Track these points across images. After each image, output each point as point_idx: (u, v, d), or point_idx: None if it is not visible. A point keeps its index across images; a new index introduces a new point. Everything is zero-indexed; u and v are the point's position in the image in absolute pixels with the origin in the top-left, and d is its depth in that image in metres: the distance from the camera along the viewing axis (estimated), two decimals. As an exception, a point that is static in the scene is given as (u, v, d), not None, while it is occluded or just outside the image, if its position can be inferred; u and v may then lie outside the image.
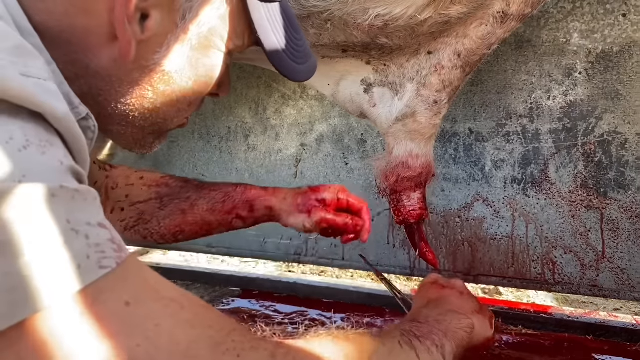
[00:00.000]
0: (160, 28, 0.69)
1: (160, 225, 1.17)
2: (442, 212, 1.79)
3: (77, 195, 0.52)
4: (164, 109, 0.77)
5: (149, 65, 0.71)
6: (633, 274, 1.58)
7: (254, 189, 1.21)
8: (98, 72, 0.69)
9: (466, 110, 1.71)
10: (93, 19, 0.65)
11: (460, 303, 1.05)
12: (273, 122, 2.03)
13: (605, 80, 1.55)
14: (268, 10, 0.77)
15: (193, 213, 1.17)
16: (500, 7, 1.10)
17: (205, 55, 0.75)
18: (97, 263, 0.51)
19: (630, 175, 1.55)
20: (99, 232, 0.53)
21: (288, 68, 0.81)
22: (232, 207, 1.17)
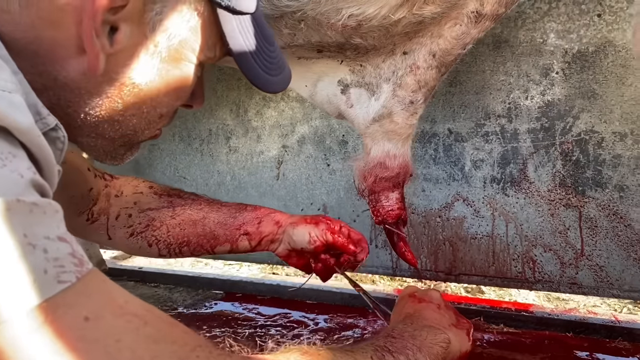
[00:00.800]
0: (130, 41, 0.69)
1: (169, 234, 1.18)
2: (423, 212, 1.80)
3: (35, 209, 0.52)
4: (133, 121, 0.76)
5: (119, 77, 0.70)
6: (611, 271, 1.59)
7: (264, 207, 1.24)
8: (67, 84, 0.68)
9: (445, 110, 1.72)
10: (60, 32, 0.65)
11: (436, 317, 1.06)
12: (254, 123, 2.03)
13: (582, 79, 1.56)
14: (240, 22, 0.77)
15: (203, 225, 1.18)
16: (474, 7, 1.11)
17: (175, 67, 0.75)
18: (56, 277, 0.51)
19: (607, 173, 1.57)
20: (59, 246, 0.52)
21: (260, 79, 0.81)
22: (241, 222, 1.19)
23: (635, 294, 1.59)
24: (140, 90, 0.73)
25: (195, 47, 0.75)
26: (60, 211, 0.56)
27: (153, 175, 2.21)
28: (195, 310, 1.83)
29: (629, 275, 1.57)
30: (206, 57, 0.78)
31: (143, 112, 0.76)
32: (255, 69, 0.79)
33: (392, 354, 0.85)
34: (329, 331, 1.63)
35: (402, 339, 0.91)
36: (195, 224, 1.19)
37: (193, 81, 0.80)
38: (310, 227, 1.17)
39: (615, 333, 1.53)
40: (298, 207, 1.99)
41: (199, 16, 0.74)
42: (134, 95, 0.73)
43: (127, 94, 0.72)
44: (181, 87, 0.78)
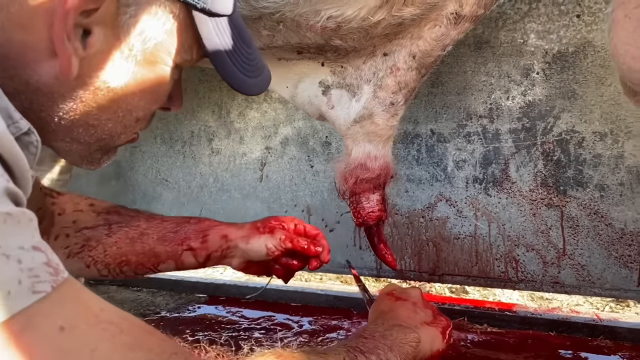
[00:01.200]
0: (104, 44, 0.68)
1: (106, 253, 1.09)
2: (406, 212, 1.80)
3: (9, 219, 0.51)
4: (109, 125, 0.75)
5: (93, 81, 0.69)
6: (593, 269, 1.60)
7: (209, 220, 1.14)
8: (39, 88, 0.67)
9: (427, 111, 1.72)
10: (31, 34, 0.64)
11: (409, 315, 1.06)
12: (237, 125, 2.01)
13: (562, 80, 1.57)
14: (216, 24, 0.76)
15: (142, 242, 1.10)
16: (453, 9, 1.11)
17: (151, 71, 0.74)
18: (30, 288, 0.50)
19: (588, 173, 1.58)
20: (33, 255, 0.52)
21: (238, 81, 0.80)
22: (183, 237, 1.10)
23: (617, 292, 1.60)
24: (115, 94, 0.72)
25: (171, 50, 0.75)
26: (34, 220, 0.55)
27: (135, 177, 2.19)
28: (178, 314, 1.81)
29: (610, 274, 1.59)
30: (183, 59, 0.77)
31: (119, 116, 0.75)
32: (232, 70, 0.79)
33: (364, 354, 0.85)
34: (313, 333, 1.62)
35: (373, 339, 0.91)
36: (133, 242, 1.10)
37: (170, 84, 0.79)
38: (265, 238, 1.08)
39: (597, 331, 1.55)
40: (282, 209, 1.98)
41: (174, 19, 0.73)
42: (109, 99, 0.72)
43: (101, 98, 0.71)
44: (157, 91, 0.77)
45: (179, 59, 0.76)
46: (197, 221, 1.12)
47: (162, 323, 1.74)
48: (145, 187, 2.18)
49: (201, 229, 1.10)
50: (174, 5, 0.72)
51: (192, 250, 1.09)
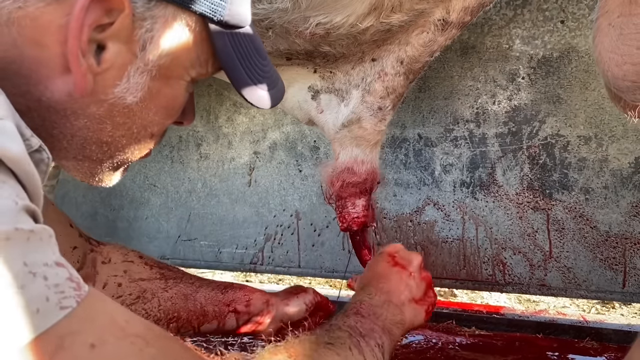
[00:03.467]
0: (118, 59, 0.66)
1: (160, 308, 1.12)
2: (395, 216, 1.81)
3: (32, 236, 0.50)
4: (123, 142, 0.73)
5: (107, 98, 0.68)
6: (579, 272, 1.62)
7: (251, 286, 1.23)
8: (51, 105, 0.66)
9: (415, 116, 1.74)
10: (44, 51, 0.63)
11: (400, 289, 1.06)
12: (225, 130, 2.01)
13: (547, 84, 1.60)
14: (232, 38, 0.74)
15: (194, 300, 1.14)
16: (440, 15, 1.12)
17: (166, 85, 0.72)
18: (57, 304, 0.50)
19: (573, 176, 1.60)
20: (57, 271, 0.51)
21: (254, 95, 0.78)
22: (232, 299, 1.17)
23: (602, 294, 1.63)
24: (129, 110, 0.70)
25: (187, 64, 0.73)
26: (53, 235, 0.54)
27: (123, 183, 2.17)
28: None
29: (595, 276, 1.61)
30: (198, 73, 0.76)
31: (133, 132, 0.73)
32: (248, 84, 0.77)
33: (364, 338, 0.88)
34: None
35: (369, 319, 0.94)
36: (187, 299, 1.14)
37: (184, 98, 0.77)
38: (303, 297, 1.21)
39: (584, 333, 1.56)
40: (270, 214, 1.98)
41: (191, 32, 0.71)
42: (123, 116, 0.70)
43: (116, 115, 0.69)
44: (173, 105, 0.76)
45: (195, 73, 0.75)
46: (240, 287, 1.20)
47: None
48: (133, 192, 2.17)
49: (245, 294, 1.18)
50: (190, 18, 0.70)
51: (237, 313, 1.17)
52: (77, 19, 0.61)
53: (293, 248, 1.96)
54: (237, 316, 1.17)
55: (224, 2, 0.71)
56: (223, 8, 0.71)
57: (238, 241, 2.03)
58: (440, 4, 1.10)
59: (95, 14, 0.62)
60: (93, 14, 0.62)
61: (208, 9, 0.70)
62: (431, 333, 1.62)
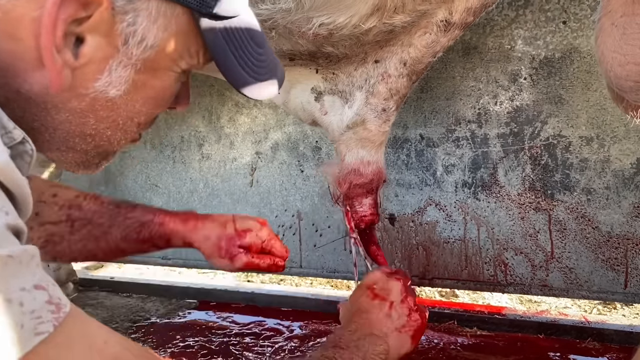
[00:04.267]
0: (98, 53, 0.64)
1: (72, 249, 1.10)
2: (397, 216, 1.81)
3: (10, 261, 0.50)
4: (108, 133, 0.72)
5: (88, 92, 0.66)
6: (580, 272, 1.62)
7: (173, 221, 1.14)
8: (31, 98, 0.64)
9: (417, 116, 1.74)
10: (18, 44, 0.60)
11: (382, 321, 1.05)
12: (227, 130, 2.02)
13: (549, 85, 1.60)
14: (224, 28, 0.71)
15: (106, 240, 1.11)
16: (443, 16, 1.12)
17: (154, 77, 0.70)
18: (33, 330, 0.49)
19: (575, 177, 1.60)
20: (35, 295, 0.51)
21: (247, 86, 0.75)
22: (148, 237, 1.12)
23: (604, 294, 1.63)
24: (113, 104, 0.68)
25: (174, 56, 0.70)
26: (36, 255, 0.54)
27: (125, 183, 2.18)
28: (168, 320, 1.80)
29: (597, 277, 1.61)
30: (188, 65, 0.73)
31: (118, 124, 0.71)
32: (240, 75, 0.74)
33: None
34: (304, 338, 1.63)
35: (348, 350, 0.93)
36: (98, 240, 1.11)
37: (175, 88, 0.75)
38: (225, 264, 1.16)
39: (585, 334, 1.57)
40: (272, 214, 1.98)
41: (177, 25, 0.68)
42: (106, 109, 0.68)
43: (98, 108, 0.67)
44: (162, 96, 0.74)
45: (185, 65, 0.73)
46: (161, 222, 1.12)
47: (152, 329, 1.73)
48: (135, 193, 2.17)
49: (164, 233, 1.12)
50: (176, 10, 0.68)
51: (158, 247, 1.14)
52: (49, 14, 0.59)
53: (295, 248, 1.96)
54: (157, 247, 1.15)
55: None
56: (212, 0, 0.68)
57: (240, 241, 2.03)
58: (443, 5, 1.10)
59: (70, 8, 0.60)
60: (67, 8, 0.60)
61: (195, 2, 0.67)
62: (433, 333, 1.62)
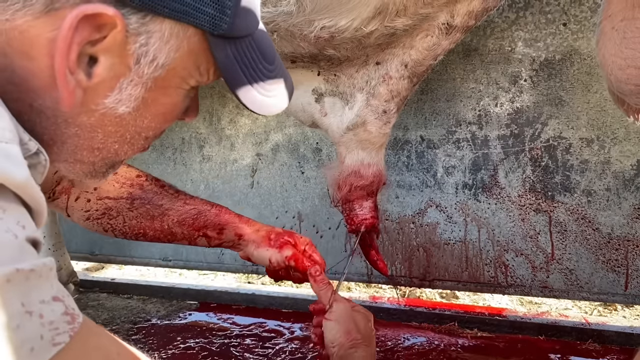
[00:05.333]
0: (111, 73, 0.65)
1: (125, 225, 1.17)
2: (397, 218, 1.81)
3: (32, 275, 0.51)
4: (115, 147, 0.73)
5: (99, 108, 0.67)
6: (581, 274, 1.63)
7: (229, 213, 1.21)
8: (42, 112, 0.65)
9: (417, 118, 1.74)
10: (33, 63, 0.62)
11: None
12: (228, 132, 2.02)
13: (549, 87, 1.60)
14: (235, 47, 0.72)
15: (161, 221, 1.17)
16: (445, 19, 1.13)
17: (164, 95, 0.72)
18: (51, 341, 0.51)
19: (575, 178, 1.60)
20: (53, 307, 0.53)
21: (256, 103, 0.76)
22: (202, 225, 1.18)
23: (604, 296, 1.63)
24: (122, 120, 0.69)
25: (185, 75, 0.72)
26: (53, 268, 0.55)
27: (125, 184, 2.18)
28: (169, 321, 1.81)
29: (597, 278, 1.61)
30: (198, 82, 0.74)
31: (126, 138, 0.73)
32: (250, 94, 0.75)
33: None
34: (305, 340, 1.63)
35: None
36: (153, 219, 1.17)
37: (184, 104, 0.76)
38: (272, 252, 1.17)
39: (586, 335, 1.57)
40: (273, 215, 1.98)
41: (189, 45, 0.69)
42: (115, 124, 0.70)
43: (107, 124, 0.69)
44: (171, 112, 0.75)
45: (194, 82, 0.74)
46: (217, 212, 1.20)
47: (152, 330, 1.73)
48: (135, 194, 2.17)
49: (219, 222, 1.18)
50: (189, 31, 0.68)
51: (207, 237, 1.19)
52: (64, 38, 0.60)
53: (295, 250, 1.96)
54: (208, 239, 1.20)
55: (225, 17, 0.68)
56: (224, 22, 0.69)
57: (240, 243, 2.03)
58: (445, 8, 1.11)
59: (85, 32, 0.61)
60: (82, 32, 0.61)
61: (207, 24, 0.68)
62: (433, 335, 1.63)
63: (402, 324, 1.72)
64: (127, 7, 0.63)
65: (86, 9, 0.60)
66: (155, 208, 1.17)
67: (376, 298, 1.95)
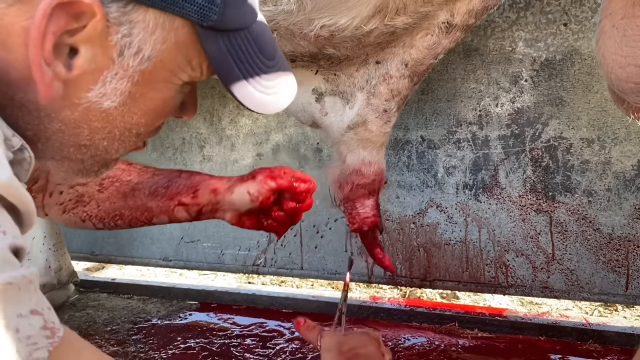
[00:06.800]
0: (92, 64, 0.62)
1: (100, 208, 1.10)
2: (398, 218, 1.81)
3: (10, 288, 0.50)
4: (104, 144, 0.70)
5: (82, 102, 0.64)
6: (581, 274, 1.62)
7: (200, 174, 1.13)
8: (24, 105, 0.62)
9: (418, 118, 1.74)
10: (10, 53, 0.59)
11: None
12: (228, 132, 2.02)
13: (550, 87, 1.60)
14: (228, 40, 0.68)
15: (133, 197, 1.10)
16: (445, 18, 1.13)
17: (153, 89, 0.68)
18: (28, 357, 0.50)
19: (576, 178, 1.60)
20: (31, 321, 0.51)
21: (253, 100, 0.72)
22: (175, 192, 1.09)
23: (605, 296, 1.63)
24: (108, 115, 0.66)
25: (174, 68, 0.68)
26: (34, 281, 0.53)
27: (125, 185, 2.18)
28: (169, 322, 1.80)
29: (598, 279, 1.61)
30: (190, 77, 0.71)
31: (115, 135, 0.70)
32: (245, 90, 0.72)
33: None
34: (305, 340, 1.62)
35: None
36: (125, 197, 1.10)
37: (176, 100, 0.73)
38: (247, 185, 1.07)
39: (587, 335, 1.57)
40: (273, 216, 1.98)
41: (177, 37, 0.66)
42: (101, 120, 0.66)
43: (92, 119, 0.66)
44: (162, 107, 0.72)
45: (186, 77, 0.70)
46: (188, 176, 1.11)
47: (153, 330, 1.73)
48: (136, 194, 2.17)
49: (192, 184, 1.10)
50: (176, 22, 0.65)
51: (184, 205, 1.09)
52: (37, 27, 0.57)
53: (295, 250, 1.96)
54: (186, 208, 1.10)
55: (214, 7, 0.65)
56: (214, 13, 0.65)
57: (241, 243, 2.03)
58: (445, 7, 1.11)
59: (60, 20, 0.58)
60: (57, 20, 0.58)
61: (195, 14, 0.64)
62: (434, 335, 1.62)
63: (403, 324, 1.72)
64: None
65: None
66: (124, 184, 1.10)
67: (376, 298, 1.95)
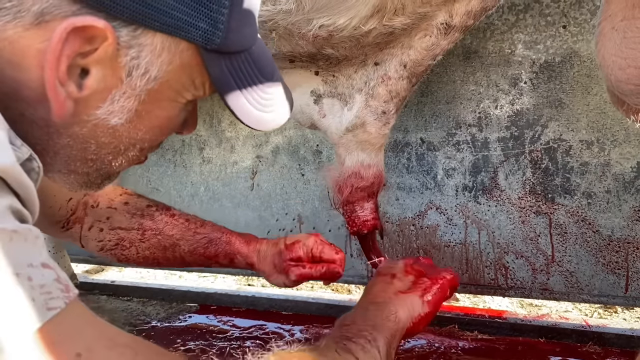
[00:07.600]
0: (102, 85, 0.65)
1: (139, 255, 1.21)
2: (397, 220, 1.81)
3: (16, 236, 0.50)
4: (109, 158, 0.73)
5: (91, 119, 0.67)
6: (581, 276, 1.62)
7: (238, 241, 1.25)
8: (34, 121, 0.65)
9: (417, 120, 1.74)
10: (24, 73, 0.62)
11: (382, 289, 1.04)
12: (228, 134, 2.02)
13: (549, 89, 1.60)
14: (230, 62, 0.72)
15: (173, 251, 1.22)
16: (443, 19, 1.13)
17: (157, 107, 0.72)
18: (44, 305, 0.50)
19: (576, 180, 1.60)
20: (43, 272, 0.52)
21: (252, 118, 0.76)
22: (213, 254, 1.23)
23: (605, 298, 1.62)
24: (115, 131, 0.70)
25: (179, 88, 0.72)
26: (40, 237, 0.54)
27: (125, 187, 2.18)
28: (169, 324, 1.80)
29: (598, 281, 1.61)
30: (194, 95, 0.74)
31: (120, 150, 0.73)
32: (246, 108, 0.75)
33: (352, 340, 0.87)
34: (305, 342, 1.62)
35: (354, 324, 0.93)
36: (165, 249, 1.21)
37: (180, 117, 0.77)
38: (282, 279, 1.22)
39: (586, 337, 1.56)
40: (273, 218, 1.98)
41: (182, 59, 0.69)
42: (108, 136, 0.70)
43: (100, 135, 0.69)
44: (167, 124, 0.75)
45: (190, 96, 0.74)
46: (227, 241, 1.24)
47: (152, 333, 1.73)
48: (136, 196, 2.17)
49: (229, 252, 1.23)
50: (181, 45, 0.69)
51: (220, 264, 1.25)
52: (54, 50, 0.60)
53: (295, 252, 1.96)
54: (220, 265, 1.26)
55: (218, 31, 0.68)
56: (217, 37, 0.69)
57: (240, 245, 2.03)
58: (443, 8, 1.11)
59: (75, 44, 0.61)
60: (72, 44, 0.61)
61: (200, 38, 0.68)
62: (434, 337, 1.62)
63: (402, 327, 1.71)
64: (118, 20, 0.63)
65: (76, 21, 0.60)
66: (166, 239, 1.21)
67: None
